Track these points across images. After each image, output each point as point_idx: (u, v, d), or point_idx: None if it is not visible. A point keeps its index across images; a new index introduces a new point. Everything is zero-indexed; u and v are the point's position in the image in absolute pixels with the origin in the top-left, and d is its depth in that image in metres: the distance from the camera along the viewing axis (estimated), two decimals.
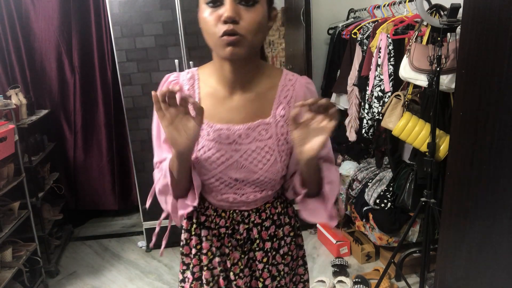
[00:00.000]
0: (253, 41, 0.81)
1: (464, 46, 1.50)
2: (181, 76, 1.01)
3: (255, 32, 0.81)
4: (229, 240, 1.02)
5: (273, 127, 0.92)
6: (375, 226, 2.32)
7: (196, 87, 0.98)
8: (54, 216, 2.71)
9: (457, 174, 1.61)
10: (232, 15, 0.77)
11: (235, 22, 0.78)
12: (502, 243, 1.38)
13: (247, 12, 0.79)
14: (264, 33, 0.85)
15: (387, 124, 2.03)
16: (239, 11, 0.79)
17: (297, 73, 0.99)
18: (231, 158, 0.92)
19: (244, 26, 0.79)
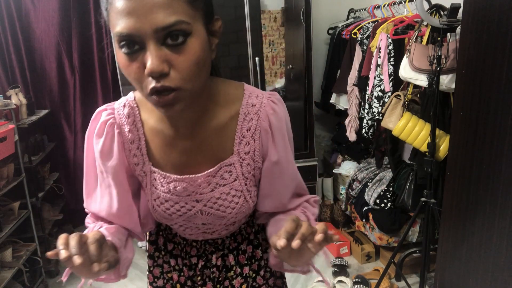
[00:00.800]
0: (193, 87, 0.63)
1: (464, 46, 1.50)
2: (117, 112, 0.78)
3: (194, 77, 0.62)
4: (200, 270, 0.91)
5: (237, 167, 0.77)
6: (375, 226, 2.32)
7: (139, 125, 0.77)
8: (54, 216, 2.70)
9: (457, 174, 1.61)
10: (158, 68, 0.57)
11: (164, 75, 0.59)
12: (502, 243, 1.38)
13: (178, 56, 0.59)
14: (207, 68, 0.66)
15: (387, 124, 2.03)
16: (166, 57, 0.59)
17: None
18: (193, 208, 0.79)
19: (177, 77, 0.60)
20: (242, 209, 0.81)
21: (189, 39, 0.59)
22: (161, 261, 0.95)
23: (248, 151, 0.77)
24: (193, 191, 0.78)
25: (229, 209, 0.80)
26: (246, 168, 0.78)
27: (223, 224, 0.85)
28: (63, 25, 2.87)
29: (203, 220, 0.82)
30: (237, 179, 0.78)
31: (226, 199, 0.79)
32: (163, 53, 0.58)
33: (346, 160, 2.95)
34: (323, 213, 2.98)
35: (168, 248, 0.93)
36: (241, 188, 0.79)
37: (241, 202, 0.80)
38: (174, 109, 0.63)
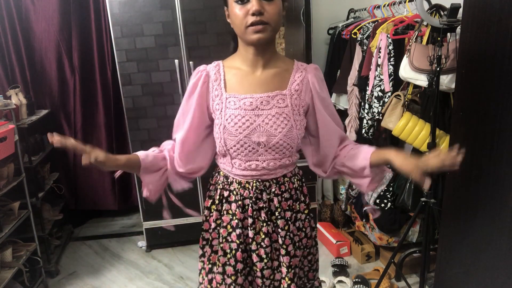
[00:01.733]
0: (275, 27, 1.03)
1: (464, 46, 1.50)
2: (208, 67, 1.19)
3: (276, 20, 1.02)
4: (253, 210, 1.13)
5: (288, 98, 1.10)
6: (375, 226, 2.32)
7: (221, 71, 1.15)
8: (54, 216, 2.70)
9: (457, 174, 1.61)
10: (258, 8, 0.99)
11: (261, 14, 0.99)
12: (502, 242, 1.38)
13: (269, 6, 1.00)
14: (280, 21, 1.05)
15: (387, 124, 2.03)
16: (263, 6, 1.00)
17: None
18: (254, 122, 1.08)
19: (268, 17, 1.00)
20: (288, 134, 1.09)
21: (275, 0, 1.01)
22: (215, 209, 1.20)
23: (297, 89, 1.11)
24: (256, 106, 1.08)
25: (279, 128, 1.08)
26: (294, 101, 1.10)
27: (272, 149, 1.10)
28: (63, 25, 2.87)
29: (259, 138, 1.08)
30: (287, 106, 1.09)
31: (278, 118, 1.08)
32: (261, 3, 1.00)
33: None
34: (323, 213, 2.98)
35: (224, 195, 1.19)
36: (290, 114, 1.09)
37: (289, 126, 1.09)
38: (262, 36, 1.01)
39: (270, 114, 1.08)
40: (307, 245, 1.23)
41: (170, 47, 2.47)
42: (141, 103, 2.54)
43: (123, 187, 3.26)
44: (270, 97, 1.08)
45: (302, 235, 1.21)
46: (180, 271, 2.58)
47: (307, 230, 1.22)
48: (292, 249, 1.15)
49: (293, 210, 1.18)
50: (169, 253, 2.79)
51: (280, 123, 1.08)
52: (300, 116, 1.11)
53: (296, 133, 1.10)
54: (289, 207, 1.17)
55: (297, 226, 1.19)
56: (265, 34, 1.02)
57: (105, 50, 2.95)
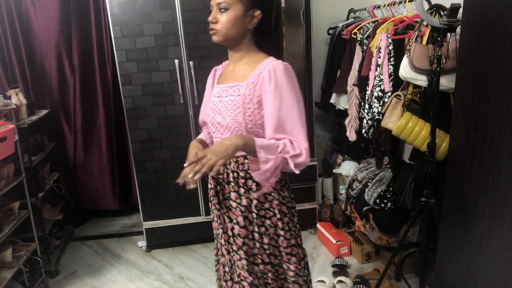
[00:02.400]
0: (225, 33, 1.25)
1: (464, 46, 1.50)
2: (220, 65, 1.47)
3: (226, 27, 1.24)
4: (214, 182, 1.41)
5: (243, 89, 1.27)
6: (375, 226, 2.32)
7: (223, 66, 1.44)
8: (54, 216, 2.71)
9: (457, 174, 1.61)
10: (211, 18, 1.27)
11: (213, 23, 1.26)
12: (502, 242, 1.38)
13: (221, 16, 1.25)
14: (238, 28, 1.25)
15: (387, 124, 2.03)
16: (216, 15, 1.26)
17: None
18: (217, 107, 1.32)
19: (218, 25, 1.26)
20: (236, 118, 1.28)
21: (228, 11, 1.24)
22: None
23: (253, 82, 1.26)
24: (220, 94, 1.33)
25: (229, 113, 1.29)
26: (248, 92, 1.26)
27: (227, 128, 1.31)
28: (63, 25, 2.87)
29: (218, 119, 1.31)
30: (240, 95, 1.27)
31: (230, 105, 1.29)
32: (215, 14, 1.26)
33: (346, 160, 2.95)
34: (323, 213, 2.98)
35: None
36: (240, 102, 1.27)
37: (237, 112, 1.27)
38: (214, 38, 1.28)
39: (226, 100, 1.30)
40: (268, 222, 1.34)
41: (170, 47, 2.47)
42: (141, 103, 2.55)
43: (123, 187, 3.26)
44: (229, 87, 1.31)
45: (259, 208, 1.33)
46: (180, 271, 2.58)
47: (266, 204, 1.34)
48: (241, 220, 1.32)
49: (247, 187, 1.32)
50: (169, 253, 2.79)
51: (230, 108, 1.28)
52: (253, 105, 1.26)
53: (244, 119, 1.27)
54: (244, 184, 1.31)
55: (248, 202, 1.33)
56: (216, 37, 1.27)
57: (105, 50, 2.95)
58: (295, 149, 1.20)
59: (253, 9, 1.25)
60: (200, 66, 2.52)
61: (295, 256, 1.38)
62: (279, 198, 1.34)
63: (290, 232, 1.37)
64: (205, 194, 2.74)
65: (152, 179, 2.68)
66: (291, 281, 1.38)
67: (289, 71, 1.24)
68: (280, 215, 1.34)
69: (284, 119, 1.23)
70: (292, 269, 1.37)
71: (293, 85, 1.23)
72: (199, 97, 2.55)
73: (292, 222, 1.38)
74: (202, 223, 2.80)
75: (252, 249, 1.34)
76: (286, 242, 1.36)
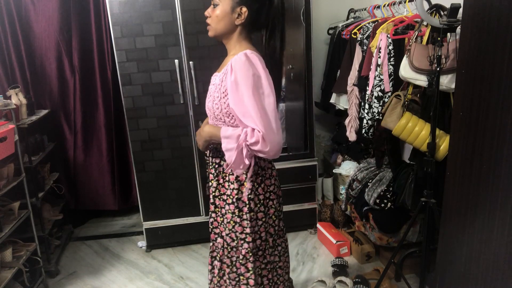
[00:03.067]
0: (215, 27, 1.38)
1: (464, 46, 1.50)
2: None
3: (215, 21, 1.37)
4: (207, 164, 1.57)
5: (217, 78, 1.39)
6: (375, 226, 2.32)
7: None
8: (54, 216, 2.71)
9: (457, 174, 1.61)
10: (206, 14, 1.40)
11: (208, 17, 1.39)
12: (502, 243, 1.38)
13: (213, 11, 1.36)
14: (225, 23, 1.35)
15: (387, 124, 2.03)
16: (210, 11, 1.38)
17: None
18: (208, 92, 1.45)
19: (210, 19, 1.38)
20: (208, 105, 1.42)
21: (218, 6, 1.35)
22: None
23: (224, 72, 1.36)
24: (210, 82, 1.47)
25: (207, 99, 1.44)
26: (218, 81, 1.38)
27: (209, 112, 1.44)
28: (63, 25, 2.87)
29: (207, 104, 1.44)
30: (214, 84, 1.41)
31: (209, 92, 1.44)
32: (210, 10, 1.38)
33: (346, 160, 2.95)
34: (323, 213, 2.98)
35: None
36: (212, 90, 1.41)
37: (210, 99, 1.42)
38: (209, 33, 1.42)
39: (211, 89, 1.43)
40: (226, 207, 1.47)
41: (170, 47, 2.47)
42: (141, 103, 2.55)
43: (123, 187, 3.26)
44: (213, 76, 1.44)
45: (223, 190, 1.48)
46: (180, 271, 2.58)
47: (228, 192, 1.45)
48: (217, 200, 1.51)
49: (219, 172, 1.48)
50: (169, 253, 2.79)
51: (209, 95, 1.43)
52: (220, 94, 1.36)
53: (213, 106, 1.39)
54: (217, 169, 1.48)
55: (220, 182, 1.49)
56: (210, 32, 1.41)
57: (105, 50, 2.95)
58: (252, 137, 1.25)
59: (240, 6, 1.33)
60: (200, 66, 2.52)
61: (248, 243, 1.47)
62: (238, 188, 1.43)
63: (247, 221, 1.44)
64: (205, 194, 2.74)
65: (152, 179, 2.68)
66: (240, 263, 1.51)
67: (249, 61, 1.28)
68: (237, 204, 1.44)
69: (243, 107, 1.26)
70: (243, 253, 1.48)
71: (249, 73, 1.26)
72: (199, 97, 2.55)
73: (251, 211, 1.45)
74: (202, 223, 2.80)
75: (218, 223, 1.55)
76: (241, 228, 1.46)
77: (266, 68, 1.32)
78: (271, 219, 1.51)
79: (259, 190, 1.46)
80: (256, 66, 1.28)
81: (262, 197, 1.46)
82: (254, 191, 1.44)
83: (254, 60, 1.29)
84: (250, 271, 1.49)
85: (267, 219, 1.49)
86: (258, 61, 1.29)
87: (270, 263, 1.57)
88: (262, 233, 1.49)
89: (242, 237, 1.46)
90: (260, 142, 1.24)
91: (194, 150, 2.66)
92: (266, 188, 1.48)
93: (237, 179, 1.43)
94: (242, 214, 1.44)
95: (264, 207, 1.48)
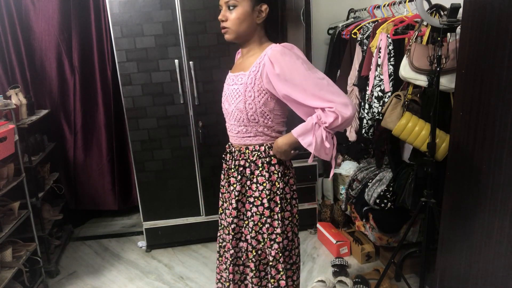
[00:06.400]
0: (236, 30, 1.32)
1: (464, 46, 1.50)
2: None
3: (236, 24, 1.31)
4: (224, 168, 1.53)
5: (246, 77, 1.33)
6: (375, 226, 2.32)
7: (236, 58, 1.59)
8: (54, 216, 2.71)
9: (457, 174, 1.61)
10: (221, 16, 1.33)
11: (223, 21, 1.32)
12: (502, 242, 1.38)
13: (230, 13, 1.31)
14: (247, 23, 1.31)
15: (387, 124, 2.03)
16: (225, 14, 1.32)
17: None
18: (226, 93, 1.42)
19: (228, 22, 1.32)
20: (239, 106, 1.36)
21: (236, 8, 1.29)
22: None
23: (254, 70, 1.32)
24: (227, 82, 1.42)
25: (233, 100, 1.37)
26: (250, 80, 1.33)
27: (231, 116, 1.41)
28: (63, 25, 2.87)
29: (225, 105, 1.42)
30: (242, 84, 1.34)
31: (234, 92, 1.37)
32: (226, 12, 1.32)
33: (346, 160, 2.95)
34: (323, 213, 2.98)
35: None
36: (242, 90, 1.34)
37: (239, 99, 1.35)
38: (226, 36, 1.35)
39: (232, 89, 1.37)
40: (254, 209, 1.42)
41: (170, 47, 2.47)
42: (141, 103, 2.55)
43: (123, 187, 3.26)
44: (235, 76, 1.37)
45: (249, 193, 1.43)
46: (180, 271, 2.58)
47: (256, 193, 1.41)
48: (234, 202, 1.44)
49: (244, 174, 1.43)
50: (169, 253, 2.79)
51: (234, 96, 1.36)
52: (254, 93, 1.33)
53: (245, 107, 1.34)
54: (242, 172, 1.42)
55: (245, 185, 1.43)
56: (228, 35, 1.34)
57: (105, 50, 2.95)
58: (327, 116, 1.22)
59: (260, 4, 1.30)
60: (200, 66, 2.52)
61: (278, 243, 1.43)
62: (270, 188, 1.40)
63: (278, 221, 1.42)
64: (205, 194, 2.74)
65: (152, 179, 2.68)
66: (270, 265, 1.46)
67: (287, 48, 1.28)
68: (269, 204, 1.40)
69: (304, 92, 1.24)
70: (273, 254, 1.44)
71: (293, 58, 1.24)
72: (199, 97, 2.55)
73: (282, 211, 1.43)
74: (202, 223, 2.80)
75: (240, 228, 1.48)
76: (272, 229, 1.42)
77: None
78: (295, 218, 1.50)
79: (286, 189, 1.44)
80: (295, 51, 1.28)
81: (288, 196, 1.45)
82: (283, 190, 1.43)
83: (289, 47, 1.28)
84: (280, 272, 1.45)
85: (292, 219, 1.48)
86: (293, 47, 1.30)
87: (295, 263, 1.55)
88: (289, 232, 1.47)
89: (272, 238, 1.43)
90: (339, 116, 1.21)
91: (194, 150, 2.66)
92: (291, 187, 1.47)
93: (269, 179, 1.40)
94: (274, 214, 1.41)
95: (291, 206, 1.47)
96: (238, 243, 1.49)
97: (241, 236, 1.49)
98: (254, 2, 1.29)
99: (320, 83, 1.23)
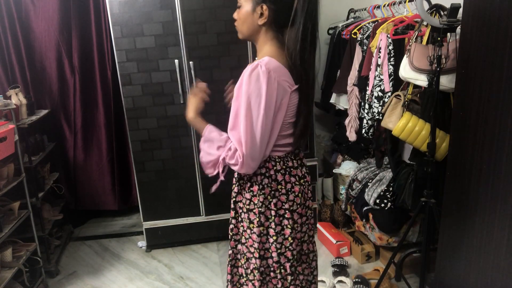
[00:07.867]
0: (241, 29, 1.32)
1: (464, 46, 1.50)
2: None
3: (240, 23, 1.31)
4: None
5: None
6: (375, 226, 2.32)
7: None
8: (54, 216, 2.71)
9: (457, 174, 1.61)
10: (234, 17, 1.33)
11: (235, 20, 1.33)
12: (502, 242, 1.38)
13: (237, 13, 1.32)
14: (248, 24, 1.29)
15: (387, 124, 2.03)
16: (235, 13, 1.32)
17: None
18: None
19: (236, 22, 1.33)
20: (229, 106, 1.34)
21: (240, 8, 1.29)
22: None
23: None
24: None
25: None
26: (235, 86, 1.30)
27: None
28: (63, 25, 2.87)
29: None
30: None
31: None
32: (236, 12, 1.32)
33: (346, 160, 2.95)
34: (323, 213, 2.98)
35: None
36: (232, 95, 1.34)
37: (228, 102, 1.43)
38: (238, 36, 1.35)
39: None
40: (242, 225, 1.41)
41: (170, 47, 2.48)
42: (141, 103, 2.55)
43: (123, 187, 3.26)
44: None
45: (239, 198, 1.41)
46: (180, 271, 2.58)
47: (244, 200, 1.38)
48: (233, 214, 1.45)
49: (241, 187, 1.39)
50: (169, 253, 2.79)
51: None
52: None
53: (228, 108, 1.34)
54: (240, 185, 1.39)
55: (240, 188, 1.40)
56: (238, 34, 1.35)
57: (105, 50, 2.95)
58: (232, 158, 1.22)
59: (260, 5, 1.24)
60: (200, 66, 2.52)
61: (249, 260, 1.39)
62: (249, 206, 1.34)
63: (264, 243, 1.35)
64: (205, 194, 2.74)
65: (152, 179, 2.68)
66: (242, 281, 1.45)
67: (256, 75, 1.17)
68: (248, 224, 1.35)
69: (236, 120, 1.22)
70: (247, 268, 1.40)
71: (249, 89, 1.16)
72: None
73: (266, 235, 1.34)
74: (202, 223, 2.80)
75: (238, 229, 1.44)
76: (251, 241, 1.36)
77: (283, 80, 1.20)
78: (287, 241, 1.33)
79: (271, 205, 1.32)
80: (261, 83, 1.16)
81: (273, 213, 1.32)
82: (266, 205, 1.32)
83: (262, 76, 1.15)
84: None
85: (280, 240, 1.33)
86: (266, 77, 1.15)
87: None
88: (273, 253, 1.34)
89: (251, 251, 1.37)
90: (239, 165, 1.20)
91: (194, 150, 2.66)
92: (280, 205, 1.32)
93: (249, 189, 1.33)
94: (253, 226, 1.34)
95: (276, 225, 1.32)
96: (236, 245, 1.45)
97: (240, 238, 1.44)
98: (255, 3, 1.24)
99: (252, 127, 1.18)
